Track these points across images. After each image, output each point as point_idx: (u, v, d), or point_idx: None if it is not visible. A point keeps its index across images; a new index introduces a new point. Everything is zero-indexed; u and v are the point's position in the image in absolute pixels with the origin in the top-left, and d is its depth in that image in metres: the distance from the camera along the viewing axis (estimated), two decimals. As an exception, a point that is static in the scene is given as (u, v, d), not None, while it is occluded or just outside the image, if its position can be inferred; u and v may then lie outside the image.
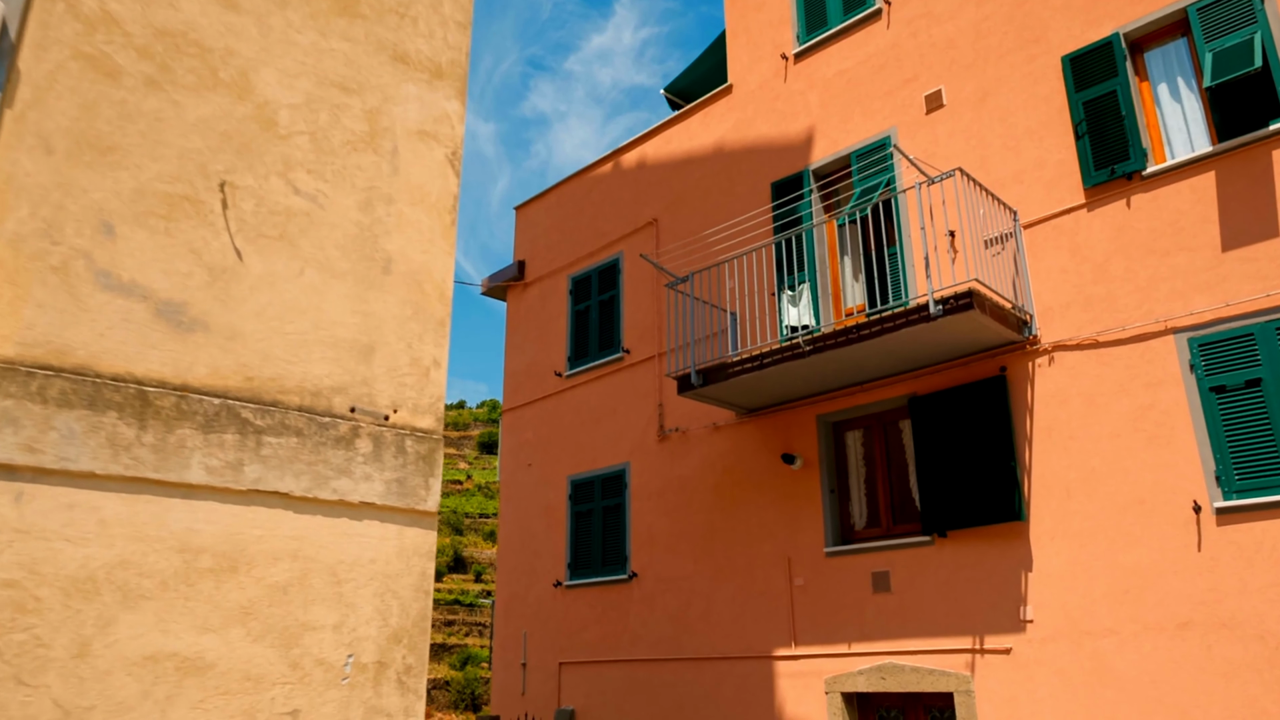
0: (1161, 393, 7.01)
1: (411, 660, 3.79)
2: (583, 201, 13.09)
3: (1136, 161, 7.53)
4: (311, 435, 3.76)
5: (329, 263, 4.04)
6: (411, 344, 4.28)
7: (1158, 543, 6.77)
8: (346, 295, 4.08)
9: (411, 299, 4.33)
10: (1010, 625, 7.38)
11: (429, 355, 4.31)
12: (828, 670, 8.46)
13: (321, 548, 3.70)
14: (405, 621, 3.84)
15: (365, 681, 3.64)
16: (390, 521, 3.97)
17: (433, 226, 4.48)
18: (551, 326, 12.81)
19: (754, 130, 10.95)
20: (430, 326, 4.38)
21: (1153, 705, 6.54)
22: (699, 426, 10.31)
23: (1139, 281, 7.34)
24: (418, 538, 4.02)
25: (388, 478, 3.99)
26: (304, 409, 3.80)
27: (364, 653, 3.69)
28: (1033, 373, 7.80)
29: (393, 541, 3.96)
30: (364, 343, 4.08)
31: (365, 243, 4.22)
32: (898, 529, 8.53)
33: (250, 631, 3.39)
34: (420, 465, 4.09)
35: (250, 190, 3.84)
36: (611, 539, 10.87)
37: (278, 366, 3.75)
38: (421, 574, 3.93)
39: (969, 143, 8.77)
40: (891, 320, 7.61)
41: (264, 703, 3.34)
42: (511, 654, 11.60)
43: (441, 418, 4.19)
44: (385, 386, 4.11)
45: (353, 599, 3.71)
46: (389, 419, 4.06)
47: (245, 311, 3.70)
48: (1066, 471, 7.39)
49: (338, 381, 3.95)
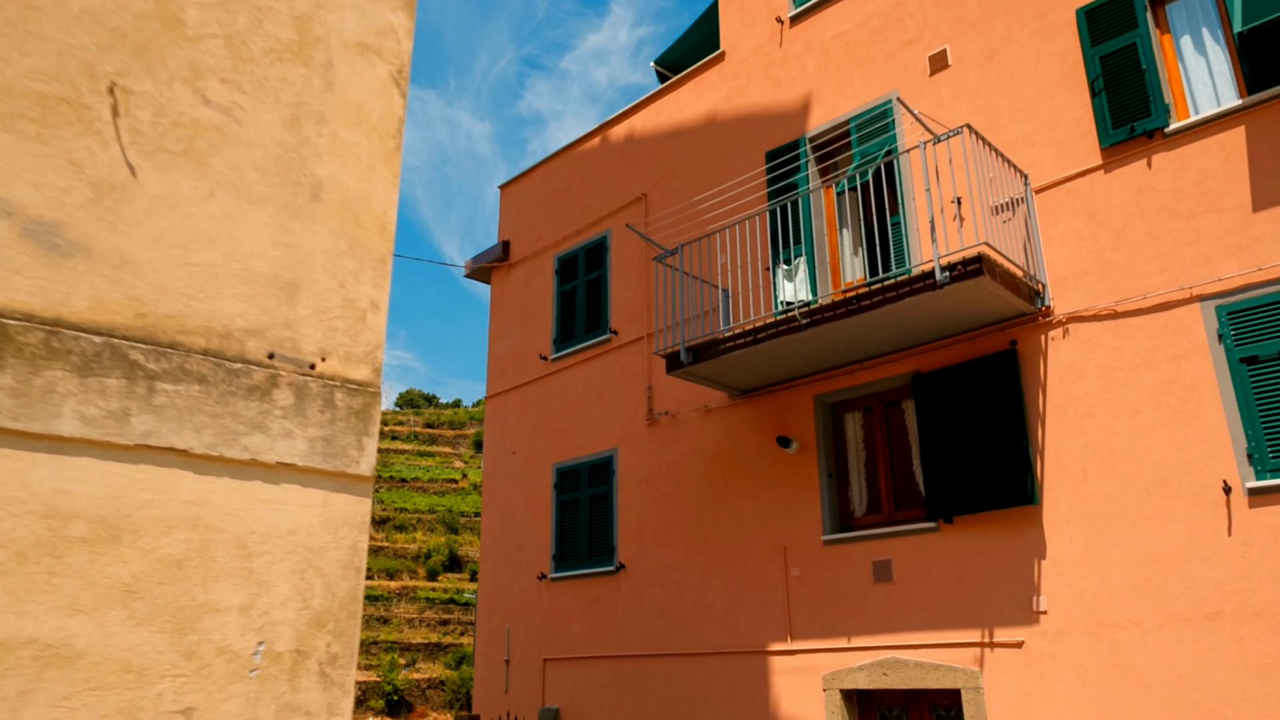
0: (1187, 365, 6.48)
1: (338, 649, 3.23)
2: (569, 178, 12.54)
3: (1158, 118, 7.00)
4: (218, 383, 3.19)
5: (245, 186, 3.47)
6: (345, 283, 3.70)
7: (1183, 527, 6.24)
8: (267, 224, 3.51)
9: (346, 232, 3.76)
10: (1022, 617, 6.85)
11: (366, 296, 3.74)
12: (826, 666, 7.92)
13: (228, 515, 3.13)
14: (330, 603, 3.27)
15: (279, 674, 3.08)
16: (314, 486, 3.40)
17: (372, 152, 3.90)
18: (537, 308, 12.26)
19: (748, 99, 10.41)
20: (368, 264, 3.81)
21: (1179, 702, 6.01)
22: (690, 410, 9.77)
23: (1161, 246, 6.81)
24: (348, 506, 3.45)
25: (312, 435, 3.42)
26: (210, 353, 3.22)
27: (278, 640, 3.12)
28: (1045, 346, 7.27)
29: (317, 509, 3.39)
30: (287, 279, 3.51)
31: (291, 166, 3.64)
32: (900, 515, 7.99)
33: (134, 614, 2.83)
34: (352, 422, 3.52)
35: (148, 97, 3.27)
36: (598, 529, 10.33)
37: (178, 302, 3.18)
38: (352, 548, 3.36)
39: (976, 105, 8.23)
40: (894, 289, 7.07)
41: (148, 699, 2.78)
42: (494, 650, 11.05)
43: (380, 369, 3.63)
44: (312, 330, 3.54)
45: (266, 576, 3.14)
46: (315, 368, 3.49)
47: (139, 236, 3.13)
48: (1083, 451, 6.86)
49: (253, 322, 3.38)
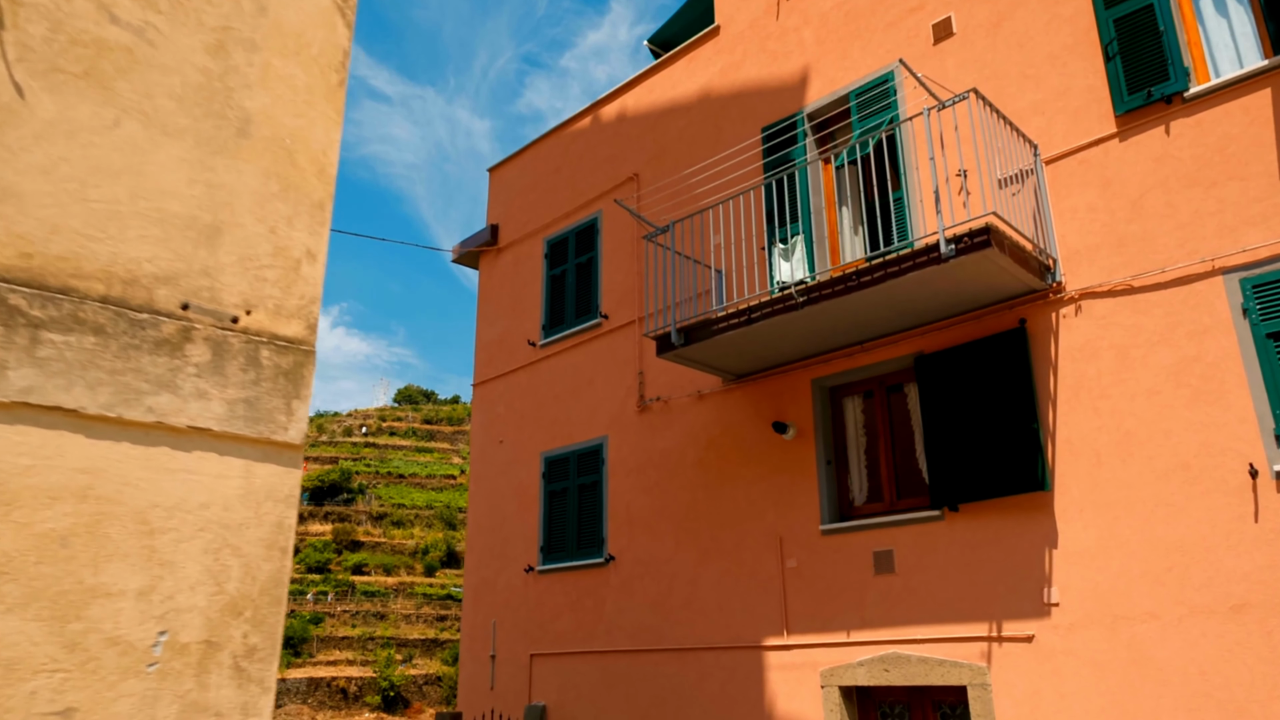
0: (1208, 342, 6.07)
1: (256, 640, 2.82)
2: (560, 159, 12.13)
3: (1177, 82, 6.59)
4: (119, 335, 2.79)
5: (159, 116, 3.05)
6: (276, 229, 3.29)
7: (1206, 513, 5.84)
8: (184, 159, 3.09)
9: (278, 172, 3.34)
10: (1032, 609, 6.45)
11: (300, 245, 3.32)
12: (824, 661, 7.52)
13: (126, 486, 2.72)
14: (250, 588, 2.87)
15: (184, 668, 2.67)
16: (233, 454, 2.99)
17: (311, 86, 3.49)
18: (525, 293, 11.86)
19: (743, 74, 10.00)
20: (304, 209, 3.40)
21: (1201, 700, 5.61)
22: (682, 395, 9.37)
23: (1181, 217, 6.40)
24: (273, 477, 3.04)
25: (232, 397, 3.01)
26: (111, 301, 2.81)
27: (184, 629, 2.72)
28: (1057, 324, 6.86)
29: (236, 481, 2.98)
30: (207, 222, 3.10)
31: (214, 96, 3.22)
32: (902, 503, 7.59)
33: (2, 599, 2.42)
34: (281, 383, 3.11)
35: (42, 10, 2.85)
36: (587, 520, 9.93)
37: (72, 242, 2.77)
38: (277, 525, 2.96)
39: (982, 74, 7.82)
40: (896, 264, 6.67)
41: (19, 698, 2.38)
42: (480, 645, 10.66)
43: (315, 325, 3.22)
44: (235, 280, 3.13)
45: (171, 556, 2.74)
46: (238, 322, 3.07)
47: (26, 166, 2.72)
48: (1096, 434, 6.46)
49: (165, 269, 2.97)
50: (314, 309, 3.24)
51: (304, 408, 3.08)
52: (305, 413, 3.09)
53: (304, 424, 3.10)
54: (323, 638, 51.06)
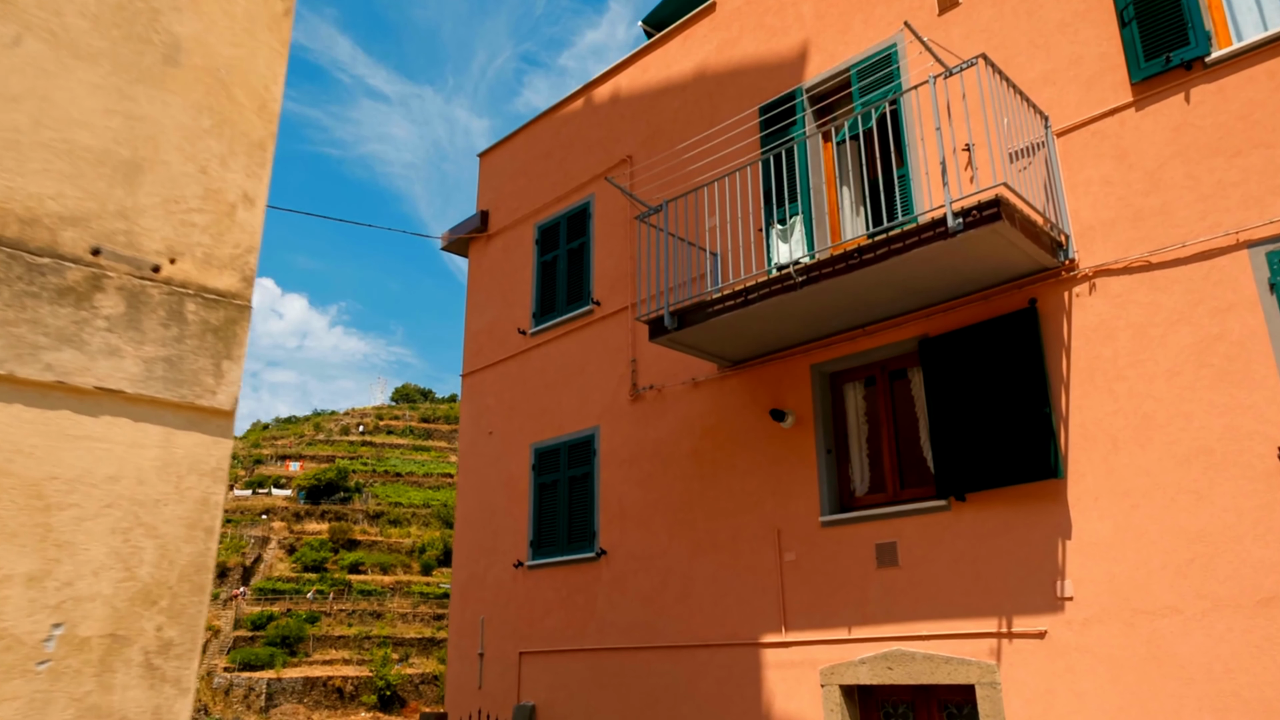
0: (1233, 319, 5.72)
1: (173, 633, 2.46)
2: (551, 143, 11.77)
3: (1198, 47, 6.24)
4: (13, 281, 2.42)
5: (70, 35, 2.68)
6: (208, 169, 2.90)
7: (1231, 500, 5.49)
8: (99, 86, 2.72)
9: (212, 106, 2.96)
10: (1045, 604, 6.11)
11: (235, 187, 2.95)
12: (824, 659, 7.17)
13: (18, 454, 2.36)
14: (166, 573, 2.50)
15: (83, 666, 2.30)
16: (151, 420, 2.61)
17: (252, 13, 3.11)
18: (516, 280, 11.50)
19: (740, 50, 9.64)
20: (241, 148, 3.02)
21: (1227, 699, 5.26)
22: (676, 383, 9.01)
23: (1202, 189, 6.05)
24: (198, 447, 2.67)
25: (150, 355, 2.63)
26: (4, 242, 2.44)
27: (85, 621, 2.35)
28: (1070, 304, 6.51)
29: (153, 451, 2.61)
30: (125, 158, 2.73)
31: (137, 18, 2.84)
32: (906, 493, 7.24)
33: None
34: (209, 341, 2.74)
35: (-73, -95, 2.46)
36: (578, 513, 9.58)
37: (-43, 172, 2.38)
38: (201, 501, 2.59)
39: (990, 43, 7.47)
40: (900, 240, 6.32)
41: (-128, 703, 1.99)
42: (468, 643, 10.31)
43: (252, 278, 2.85)
44: (158, 224, 2.76)
45: (70, 536, 2.37)
46: (160, 270, 2.70)
47: (-101, 82, 2.34)
48: (1113, 419, 6.11)
49: (73, 208, 2.59)
50: (250, 259, 2.88)
51: (236, 369, 2.71)
52: (238, 375, 2.72)
53: (236, 387, 2.73)
54: (319, 637, 50.71)
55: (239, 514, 62.65)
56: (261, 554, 58.75)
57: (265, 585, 54.77)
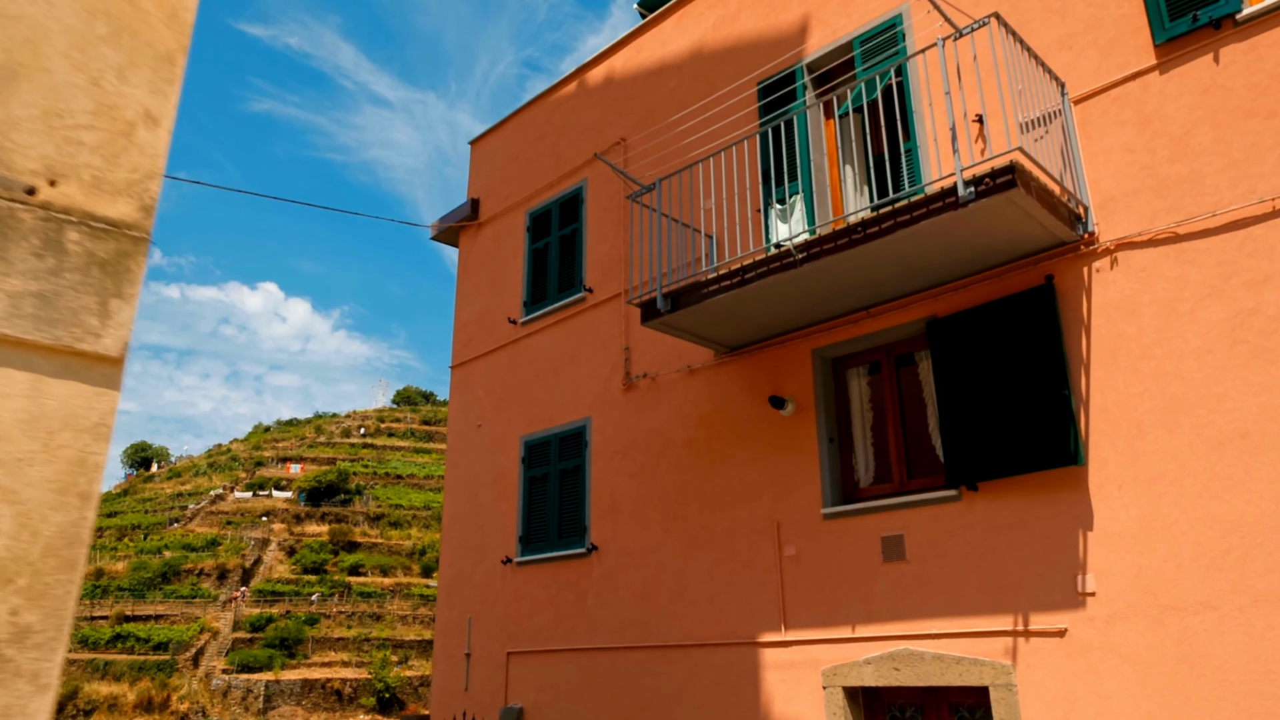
0: (1269, 292, 5.31)
1: (32, 618, 2.01)
2: (543, 128, 11.37)
3: (1229, 3, 5.82)
4: None
5: (-73, -89, 2.21)
6: (101, 80, 2.44)
7: (1269, 487, 5.07)
8: (-39, -27, 2.24)
9: (109, 11, 2.50)
10: (1065, 600, 5.68)
11: (135, 104, 2.48)
12: (826, 659, 6.75)
13: None
14: (28, 546, 2.05)
15: (-92, 660, 1.82)
16: (16, 366, 2.15)
17: (161, -98, 2.64)
18: (507, 269, 11.10)
19: (738, 27, 9.24)
20: (144, 60, 2.55)
21: (1267, 701, 4.84)
22: (671, 371, 8.60)
23: (1234, 154, 5.63)
24: (76, 399, 2.20)
25: (16, 289, 2.17)
26: None
27: (-85, 605, 1.88)
28: (1089, 280, 6.10)
29: (17, 401, 2.14)
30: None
31: (15, -103, 2.38)
32: (914, 483, 6.83)
33: None
34: (94, 276, 2.29)
35: None
36: (569, 507, 9.17)
37: None
38: (76, 462, 2.14)
39: (1001, 8, 7.06)
40: (908, 212, 5.91)
41: None
42: (455, 643, 9.89)
43: (152, 208, 2.41)
44: (35, 139, 2.30)
45: (-98, 501, 1.90)
46: (36, 193, 2.24)
47: None
48: (1137, 401, 5.69)
49: (-77, 113, 2.13)
50: (151, 186, 2.45)
51: (128, 310, 2.28)
52: (129, 317, 2.29)
53: (126, 331, 2.29)
54: (318, 639, 50.27)
55: (239, 516, 62.29)
56: (261, 556, 58.37)
57: (265, 587, 54.39)
